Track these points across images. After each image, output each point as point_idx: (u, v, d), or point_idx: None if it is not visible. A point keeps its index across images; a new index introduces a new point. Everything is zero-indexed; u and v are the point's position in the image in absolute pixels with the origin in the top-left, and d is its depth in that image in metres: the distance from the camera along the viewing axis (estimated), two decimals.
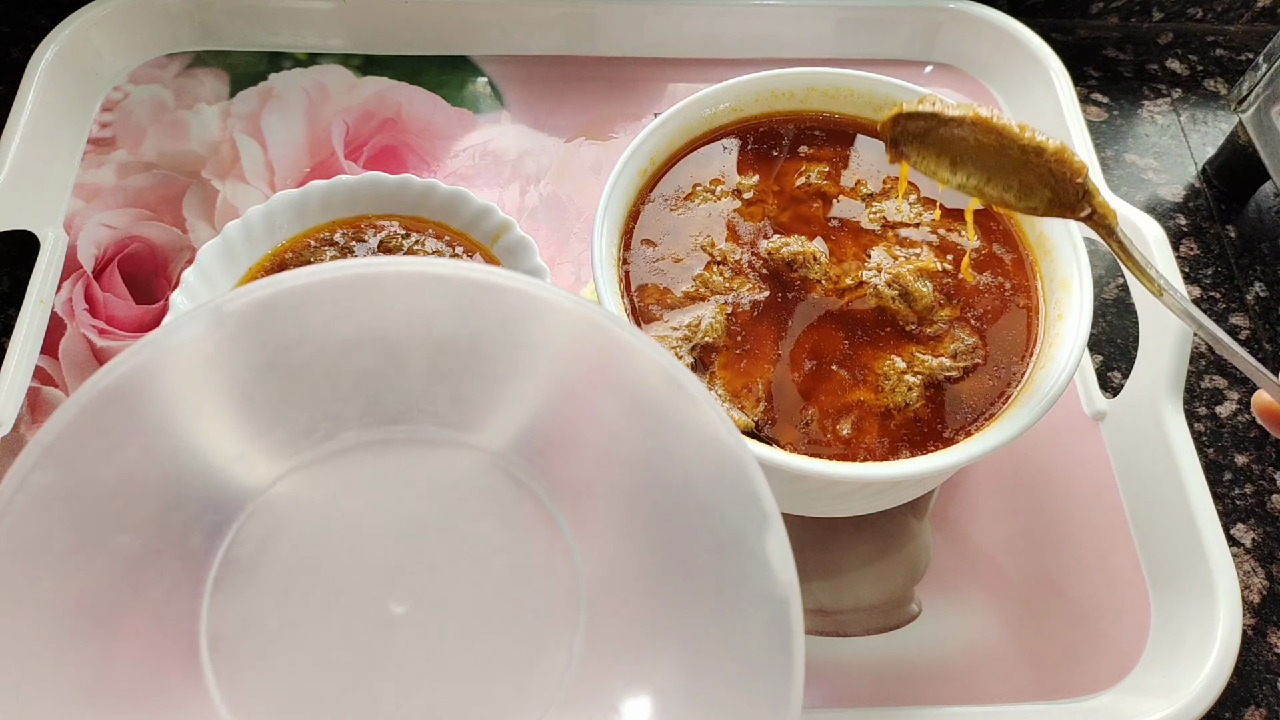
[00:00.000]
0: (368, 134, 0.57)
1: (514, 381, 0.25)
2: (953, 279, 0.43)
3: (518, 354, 0.25)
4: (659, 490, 0.24)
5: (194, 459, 0.23)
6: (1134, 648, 0.44)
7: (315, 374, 0.25)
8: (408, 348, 0.25)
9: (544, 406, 0.25)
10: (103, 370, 0.22)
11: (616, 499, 0.24)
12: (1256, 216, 0.60)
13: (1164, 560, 0.45)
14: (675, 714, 0.23)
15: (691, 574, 0.24)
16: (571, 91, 0.59)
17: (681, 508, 0.24)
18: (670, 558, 0.24)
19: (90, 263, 0.51)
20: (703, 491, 0.24)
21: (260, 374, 0.24)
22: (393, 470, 0.24)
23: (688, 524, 0.24)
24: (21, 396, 0.47)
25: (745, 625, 0.23)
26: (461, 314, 0.25)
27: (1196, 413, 0.52)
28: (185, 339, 0.24)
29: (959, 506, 0.47)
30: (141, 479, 0.23)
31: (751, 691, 0.23)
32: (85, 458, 0.22)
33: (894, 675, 0.42)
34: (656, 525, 0.24)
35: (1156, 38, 0.68)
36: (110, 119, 0.56)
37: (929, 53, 0.62)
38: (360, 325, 0.25)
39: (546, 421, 0.25)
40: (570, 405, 0.25)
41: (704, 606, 0.24)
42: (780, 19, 0.60)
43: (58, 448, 0.22)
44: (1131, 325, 0.54)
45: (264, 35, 0.60)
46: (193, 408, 0.23)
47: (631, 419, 0.25)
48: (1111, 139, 0.62)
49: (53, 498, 0.21)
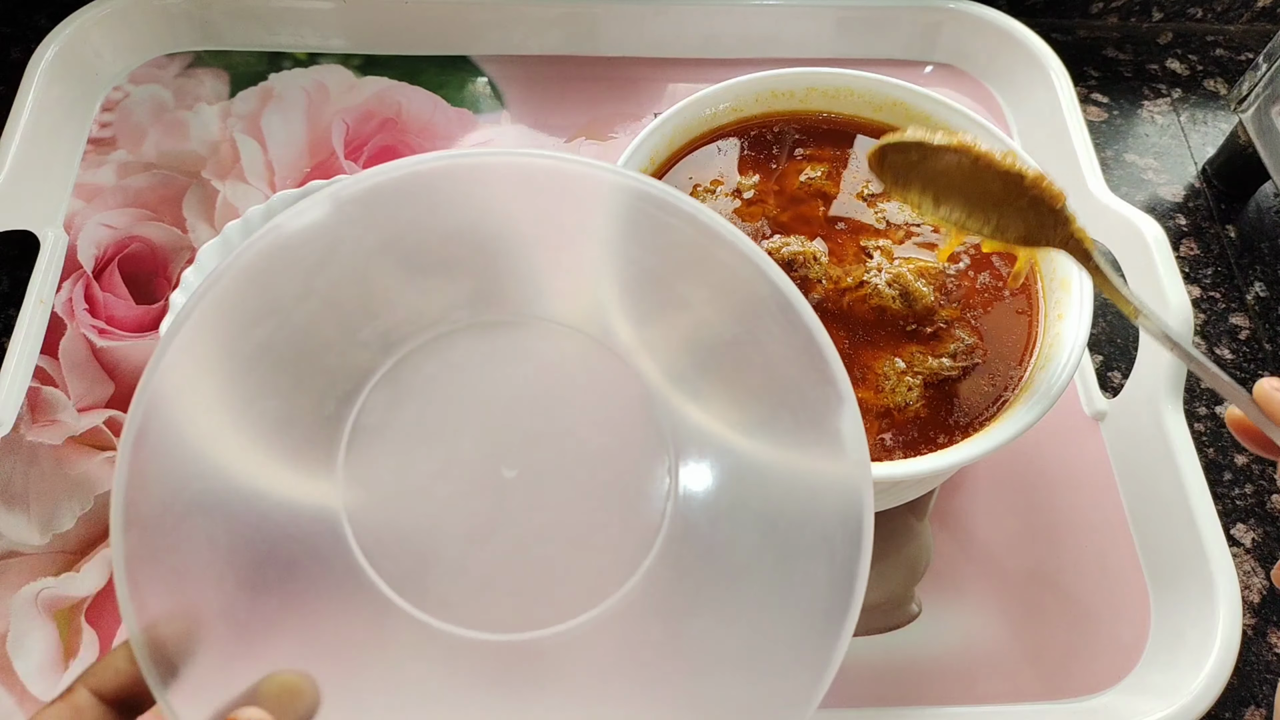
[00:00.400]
0: (368, 134, 0.57)
1: (614, 271, 0.28)
2: (955, 280, 0.43)
3: (612, 244, 0.27)
4: (745, 370, 0.27)
5: (322, 332, 0.26)
6: (1134, 648, 0.44)
7: (427, 257, 0.27)
8: (512, 235, 0.27)
9: (640, 294, 0.28)
10: (235, 254, 0.25)
11: (706, 378, 0.27)
12: (1256, 216, 0.60)
13: (1164, 560, 0.45)
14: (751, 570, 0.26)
15: (773, 446, 0.27)
16: (571, 91, 0.59)
17: (765, 386, 0.27)
18: (755, 431, 0.27)
19: (90, 263, 0.51)
20: (785, 372, 0.27)
21: (375, 257, 0.26)
22: (500, 350, 0.27)
23: (771, 402, 0.27)
24: (21, 396, 0.47)
25: (820, 497, 0.26)
26: (568, 207, 0.27)
27: (1196, 413, 0.52)
28: (306, 222, 0.26)
29: (959, 506, 0.47)
30: (278, 350, 0.25)
31: (827, 555, 0.25)
32: (228, 331, 0.25)
33: (894, 675, 0.42)
34: (742, 402, 0.27)
35: (1156, 38, 0.68)
36: (110, 119, 0.56)
37: (929, 53, 0.62)
38: (467, 213, 0.27)
39: (643, 306, 0.28)
40: (663, 292, 0.28)
41: (784, 478, 0.26)
42: (780, 19, 0.60)
43: (199, 322, 0.25)
44: (1131, 325, 0.54)
45: (264, 35, 0.60)
46: (318, 287, 0.26)
47: (721, 307, 0.27)
48: (1111, 139, 0.62)
49: (195, 368, 0.24)
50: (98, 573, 0.43)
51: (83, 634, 0.42)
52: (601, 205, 0.27)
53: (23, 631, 0.41)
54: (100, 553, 0.43)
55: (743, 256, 0.27)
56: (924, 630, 0.43)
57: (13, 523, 0.44)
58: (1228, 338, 0.55)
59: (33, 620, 0.42)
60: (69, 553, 0.43)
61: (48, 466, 0.45)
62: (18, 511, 0.44)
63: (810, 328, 0.27)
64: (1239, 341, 0.55)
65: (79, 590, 0.43)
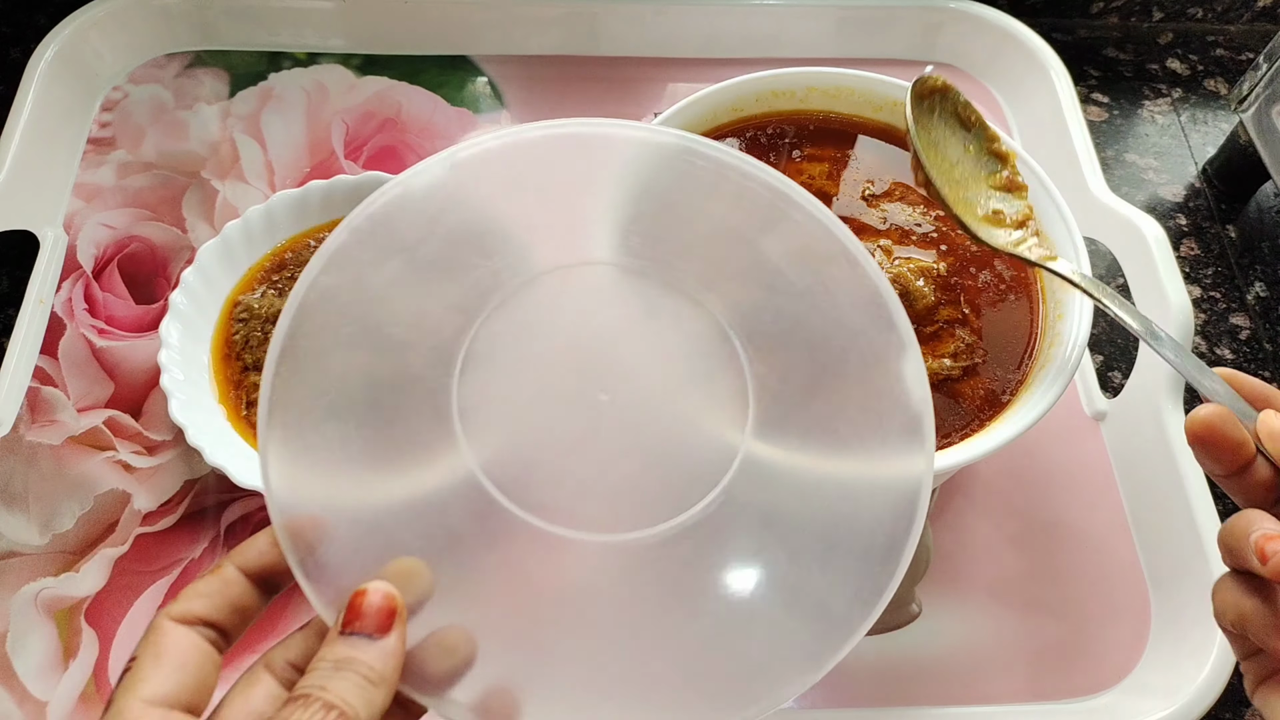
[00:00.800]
0: (367, 134, 0.57)
1: (695, 224, 0.32)
2: (956, 280, 0.43)
3: (697, 204, 0.32)
4: (816, 316, 0.31)
5: (439, 270, 0.30)
6: (1134, 648, 0.44)
7: (531, 212, 0.31)
8: (605, 194, 0.31)
9: (721, 248, 0.31)
10: (366, 201, 0.29)
11: (780, 322, 0.31)
12: (1257, 216, 0.60)
13: (1164, 560, 0.45)
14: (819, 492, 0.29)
15: (841, 386, 0.30)
16: (571, 91, 0.59)
17: (835, 333, 0.30)
18: (824, 372, 0.30)
19: (90, 263, 0.51)
20: (852, 320, 0.30)
21: (484, 206, 0.31)
22: (594, 290, 0.31)
23: (839, 346, 0.30)
24: (21, 396, 0.47)
25: (884, 433, 0.29)
26: (650, 167, 0.31)
27: None
28: (427, 180, 0.30)
29: (959, 506, 0.47)
30: (402, 283, 0.29)
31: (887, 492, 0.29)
32: (358, 266, 0.29)
33: (894, 675, 0.42)
34: (813, 345, 0.30)
35: (1157, 38, 0.68)
36: (110, 119, 0.56)
37: (929, 53, 0.62)
38: (565, 173, 0.32)
39: (723, 259, 0.31)
40: (741, 248, 0.31)
41: (850, 413, 0.30)
42: (780, 19, 0.60)
43: (338, 257, 0.28)
44: None
45: (264, 35, 0.60)
46: (436, 232, 0.30)
47: (795, 260, 0.31)
48: (1112, 139, 0.62)
49: (336, 294, 0.28)
50: (97, 573, 0.43)
51: (82, 634, 0.42)
52: (675, 168, 0.31)
53: (22, 631, 0.41)
54: (100, 553, 0.43)
55: (813, 216, 0.31)
56: (924, 630, 0.43)
57: (12, 523, 0.44)
58: (1228, 338, 0.55)
59: (32, 620, 0.42)
60: (68, 553, 0.43)
61: (47, 466, 0.45)
62: (17, 511, 0.44)
63: (876, 280, 0.30)
64: (1239, 341, 0.55)
65: (79, 590, 0.43)
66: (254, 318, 0.47)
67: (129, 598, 0.42)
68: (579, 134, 0.31)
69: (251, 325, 0.47)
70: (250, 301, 0.48)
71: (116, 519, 0.44)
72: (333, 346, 0.28)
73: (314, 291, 0.28)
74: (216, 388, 0.46)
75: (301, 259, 0.49)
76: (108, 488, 0.45)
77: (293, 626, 0.42)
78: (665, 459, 0.29)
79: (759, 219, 0.31)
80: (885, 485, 0.29)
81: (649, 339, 0.31)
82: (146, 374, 0.48)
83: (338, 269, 0.28)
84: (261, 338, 0.46)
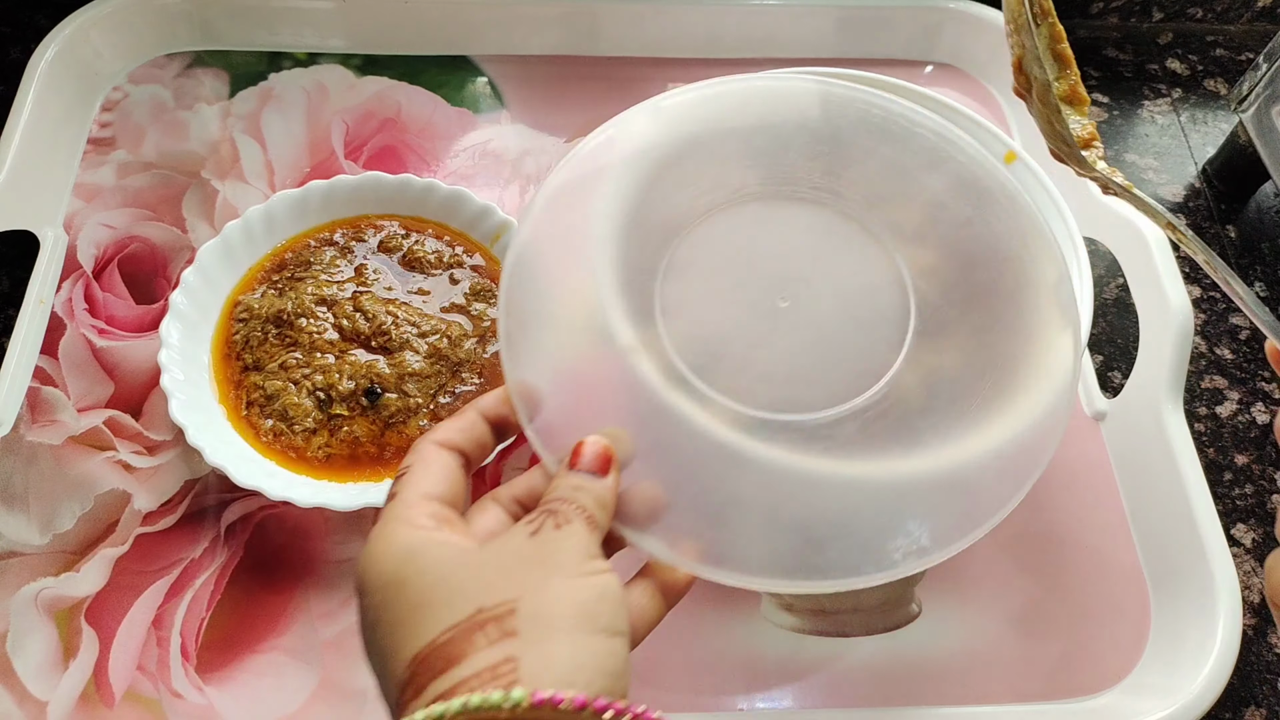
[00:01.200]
0: (367, 134, 0.57)
1: (866, 163, 0.37)
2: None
3: (871, 145, 0.37)
4: (975, 243, 0.35)
5: (648, 198, 0.36)
6: (1134, 648, 0.44)
7: (725, 149, 0.37)
8: (789, 135, 0.37)
9: (891, 183, 0.36)
10: (583, 143, 0.35)
11: (943, 248, 0.35)
12: (1256, 216, 0.60)
13: (1164, 560, 0.45)
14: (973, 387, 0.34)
15: (995, 303, 0.35)
16: (571, 91, 0.59)
17: (991, 258, 0.35)
18: (981, 290, 0.35)
19: (90, 263, 0.51)
20: (1007, 247, 0.35)
21: (687, 148, 0.36)
22: (778, 215, 0.36)
23: (996, 269, 0.35)
24: (21, 396, 0.47)
25: (1034, 340, 0.34)
26: (828, 114, 0.37)
27: (1196, 413, 0.52)
28: (636, 126, 0.36)
29: None
30: (613, 214, 0.35)
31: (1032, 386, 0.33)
32: (576, 196, 0.35)
33: (894, 675, 0.42)
34: (972, 266, 0.35)
35: (1156, 38, 0.68)
36: (110, 119, 0.56)
37: (929, 53, 0.62)
38: (757, 118, 0.37)
39: (892, 192, 0.36)
40: (907, 182, 0.36)
41: (1003, 320, 0.35)
42: (780, 19, 0.60)
43: (559, 191, 0.35)
44: (1131, 325, 0.54)
45: (264, 35, 0.60)
46: (644, 166, 0.36)
47: (958, 194, 0.36)
48: (1111, 139, 0.62)
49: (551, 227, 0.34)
50: (97, 572, 0.43)
51: (82, 634, 0.42)
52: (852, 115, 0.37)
53: (22, 631, 0.41)
54: (100, 552, 0.43)
55: (973, 158, 0.36)
56: (924, 630, 0.43)
57: (13, 523, 0.44)
58: (1228, 338, 0.55)
59: (32, 620, 0.42)
60: (69, 553, 0.43)
61: (47, 466, 0.45)
62: (18, 511, 0.44)
63: (1030, 214, 0.35)
64: (1239, 341, 0.55)
65: (79, 590, 0.43)
66: (254, 318, 0.47)
67: (129, 597, 0.43)
68: (770, 86, 0.38)
69: (252, 325, 0.47)
70: (250, 301, 0.48)
71: (117, 519, 0.44)
72: (553, 257, 0.34)
73: (530, 223, 0.34)
74: (217, 388, 0.46)
75: (301, 259, 0.49)
76: (108, 488, 0.45)
77: (295, 623, 0.42)
78: (835, 356, 0.34)
79: (925, 159, 0.36)
80: (1033, 381, 0.33)
81: (824, 257, 0.36)
82: (147, 374, 0.48)
83: (558, 197, 0.35)
84: (261, 338, 0.46)
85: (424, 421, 0.45)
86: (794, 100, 0.37)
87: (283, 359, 0.46)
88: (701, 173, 0.36)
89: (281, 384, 0.45)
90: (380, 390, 0.45)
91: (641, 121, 0.36)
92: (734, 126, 0.37)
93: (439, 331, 0.47)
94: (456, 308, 0.48)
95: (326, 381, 0.45)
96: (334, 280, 0.48)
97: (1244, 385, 0.53)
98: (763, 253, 0.36)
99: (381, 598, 0.27)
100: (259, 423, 0.44)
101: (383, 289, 0.48)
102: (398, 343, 0.46)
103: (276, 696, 0.41)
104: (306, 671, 0.41)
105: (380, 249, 0.50)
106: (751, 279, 0.35)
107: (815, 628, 0.43)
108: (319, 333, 0.46)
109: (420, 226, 0.51)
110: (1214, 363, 0.54)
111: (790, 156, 0.37)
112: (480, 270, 0.49)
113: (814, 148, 0.37)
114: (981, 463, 0.33)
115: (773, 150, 0.37)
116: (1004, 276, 0.35)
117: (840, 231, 0.36)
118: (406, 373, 0.45)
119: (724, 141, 0.37)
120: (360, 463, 0.44)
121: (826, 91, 0.37)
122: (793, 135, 0.37)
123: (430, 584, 0.27)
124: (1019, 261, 0.35)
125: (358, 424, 0.44)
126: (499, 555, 0.27)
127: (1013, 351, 0.34)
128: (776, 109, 0.37)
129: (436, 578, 0.27)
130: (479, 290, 0.49)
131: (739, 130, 0.37)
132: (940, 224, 0.36)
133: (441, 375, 0.46)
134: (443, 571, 0.27)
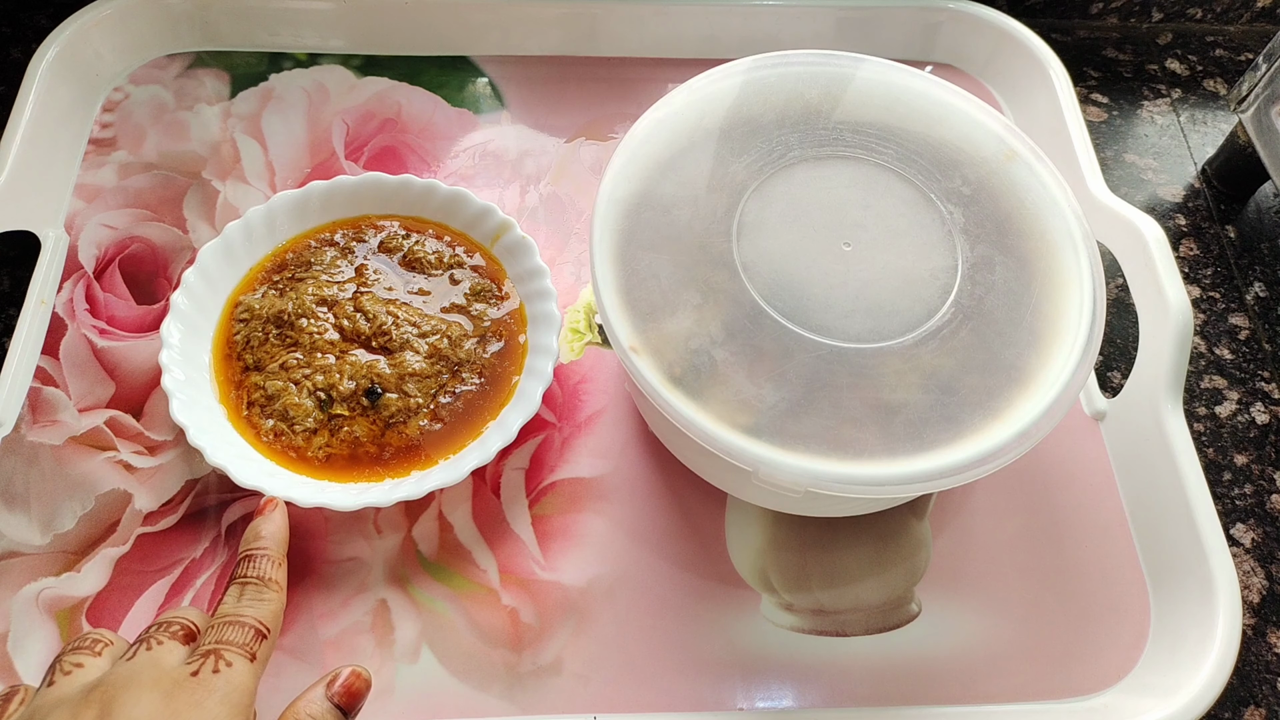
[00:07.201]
0: (368, 134, 0.57)
1: (912, 133, 0.44)
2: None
3: (917, 119, 0.44)
4: (1011, 201, 0.43)
5: (716, 160, 0.42)
6: (1134, 648, 0.44)
7: (773, 118, 0.44)
8: (831, 109, 0.44)
9: (933, 150, 0.44)
10: (655, 106, 0.44)
11: (984, 205, 0.42)
12: (1256, 216, 0.60)
13: (1164, 560, 0.45)
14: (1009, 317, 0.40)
15: (1023, 242, 0.42)
16: (571, 91, 0.59)
17: (1017, 210, 0.42)
18: (1011, 230, 0.42)
19: (91, 263, 0.51)
20: (1027, 200, 0.43)
21: (729, 116, 0.44)
22: (830, 174, 0.43)
23: (1026, 215, 0.42)
24: (22, 396, 0.47)
25: (1056, 254, 0.41)
26: (882, 91, 0.45)
27: (1196, 413, 0.52)
28: (674, 105, 0.44)
29: (959, 506, 0.47)
30: (686, 175, 0.42)
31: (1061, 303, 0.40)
32: (653, 147, 0.43)
33: (894, 675, 0.43)
34: (1006, 218, 0.42)
35: (1156, 38, 0.68)
36: (111, 119, 0.56)
37: (929, 53, 0.62)
38: (812, 91, 0.45)
39: (935, 159, 0.43)
40: (948, 151, 0.44)
41: (1031, 250, 0.41)
42: (780, 19, 0.60)
43: (636, 149, 0.42)
44: (1131, 325, 0.54)
45: (264, 35, 0.60)
46: (713, 130, 0.43)
47: (985, 160, 0.43)
48: (1111, 139, 0.62)
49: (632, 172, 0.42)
50: (98, 572, 0.43)
51: None
52: (895, 91, 0.46)
53: (23, 631, 0.42)
54: (101, 552, 0.43)
55: (998, 136, 0.44)
56: (924, 630, 0.44)
57: (13, 523, 0.44)
58: (1227, 338, 0.55)
59: (33, 620, 0.42)
60: (69, 553, 0.43)
61: (48, 467, 0.45)
62: (18, 511, 0.44)
63: (1047, 178, 0.43)
64: (1239, 341, 0.55)
65: (79, 590, 0.43)
66: (255, 318, 0.47)
67: (130, 597, 0.43)
68: (829, 66, 0.45)
69: (252, 325, 0.47)
70: (251, 302, 0.48)
71: (117, 519, 0.44)
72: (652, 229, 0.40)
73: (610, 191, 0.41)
74: (217, 388, 0.46)
75: (302, 259, 0.49)
76: (109, 488, 0.45)
77: (295, 623, 0.42)
78: (901, 287, 0.40)
79: (960, 133, 0.44)
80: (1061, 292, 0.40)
81: (872, 204, 0.42)
82: (147, 374, 0.48)
83: (638, 146, 0.42)
84: (262, 338, 0.46)
85: (424, 421, 0.45)
86: (851, 79, 0.45)
87: (283, 359, 0.46)
88: (755, 135, 0.43)
89: (282, 384, 0.45)
90: (381, 390, 0.45)
91: (678, 103, 0.44)
92: (789, 97, 0.44)
93: (439, 332, 0.47)
94: (457, 308, 0.48)
95: (327, 382, 0.45)
96: (335, 280, 0.48)
97: (1243, 385, 0.53)
98: (822, 205, 0.41)
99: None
100: (260, 423, 0.45)
101: (383, 289, 0.48)
102: (398, 343, 0.46)
103: (276, 696, 0.41)
104: (306, 671, 0.41)
105: (381, 249, 0.50)
106: (815, 229, 0.41)
107: (815, 627, 0.43)
108: (320, 333, 0.46)
109: (421, 227, 0.51)
110: (1213, 363, 0.54)
111: (831, 122, 0.44)
112: (480, 270, 0.50)
113: (854, 115, 0.44)
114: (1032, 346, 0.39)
115: (810, 120, 0.44)
116: (1030, 231, 0.42)
117: (881, 180, 0.42)
118: (407, 373, 0.45)
119: (768, 110, 0.44)
120: (360, 463, 0.44)
121: (882, 76, 0.45)
122: (847, 109, 0.44)
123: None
124: (1038, 208, 0.42)
125: (358, 424, 0.45)
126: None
127: (1044, 265, 0.41)
128: (805, 89, 0.45)
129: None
130: (479, 290, 0.49)
131: (774, 104, 0.44)
132: (962, 166, 0.43)
133: (442, 375, 0.46)
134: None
